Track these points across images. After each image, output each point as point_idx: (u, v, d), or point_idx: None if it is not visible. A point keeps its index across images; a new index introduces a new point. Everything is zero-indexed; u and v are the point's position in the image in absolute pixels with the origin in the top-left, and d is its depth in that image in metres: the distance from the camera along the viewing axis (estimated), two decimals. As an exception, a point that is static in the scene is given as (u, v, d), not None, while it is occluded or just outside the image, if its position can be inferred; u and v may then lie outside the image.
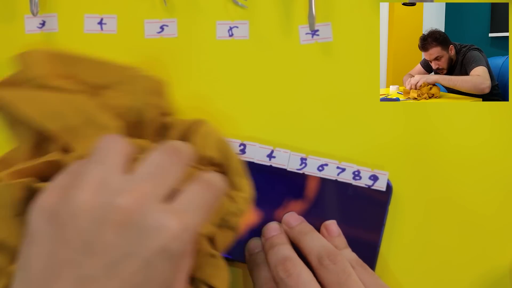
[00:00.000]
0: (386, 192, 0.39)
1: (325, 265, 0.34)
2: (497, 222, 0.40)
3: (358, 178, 0.39)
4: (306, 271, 0.34)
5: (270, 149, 0.39)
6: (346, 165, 0.39)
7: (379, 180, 0.39)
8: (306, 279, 0.33)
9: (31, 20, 0.41)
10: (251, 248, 0.38)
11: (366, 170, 0.39)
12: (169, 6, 0.41)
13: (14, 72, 0.37)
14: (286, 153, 0.39)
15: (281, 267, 0.34)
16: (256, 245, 0.38)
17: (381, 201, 0.39)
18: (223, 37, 0.41)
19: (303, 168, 0.39)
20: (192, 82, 0.41)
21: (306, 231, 0.37)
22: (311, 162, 0.39)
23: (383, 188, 0.39)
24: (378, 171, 0.39)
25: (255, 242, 0.38)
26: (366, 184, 0.39)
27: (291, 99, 0.41)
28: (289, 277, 0.33)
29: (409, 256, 0.40)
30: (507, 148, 0.41)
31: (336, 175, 0.39)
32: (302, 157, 0.39)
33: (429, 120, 0.41)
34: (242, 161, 0.36)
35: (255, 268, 0.36)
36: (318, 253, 0.35)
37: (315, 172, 0.39)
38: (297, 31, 0.41)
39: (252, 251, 0.37)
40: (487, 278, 0.40)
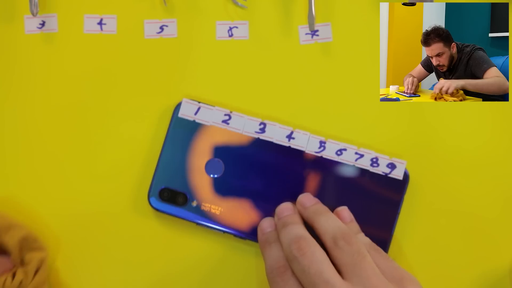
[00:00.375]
0: (403, 181, 0.39)
1: (340, 246, 0.33)
2: (497, 222, 0.40)
3: (376, 165, 0.38)
4: (320, 250, 0.33)
5: (290, 130, 0.39)
6: (365, 151, 0.39)
7: (397, 168, 0.38)
8: (320, 258, 0.33)
9: (31, 20, 0.41)
10: (263, 227, 0.37)
11: (384, 157, 0.39)
12: (169, 7, 0.41)
13: None
14: (305, 135, 0.39)
15: (295, 245, 0.33)
16: (269, 224, 0.37)
17: (397, 189, 0.38)
18: (223, 37, 0.41)
19: (321, 151, 0.39)
20: (192, 82, 0.41)
21: (321, 211, 0.36)
22: (330, 146, 0.39)
23: (400, 177, 0.39)
24: (396, 159, 0.38)
25: (268, 221, 0.37)
26: (383, 171, 0.38)
27: (291, 99, 0.41)
28: (303, 255, 0.33)
29: (409, 256, 0.40)
30: (507, 148, 0.40)
31: (354, 160, 0.39)
32: (321, 140, 0.39)
33: (429, 120, 0.41)
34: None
35: (267, 246, 0.36)
36: (333, 234, 0.34)
37: (333, 156, 0.39)
38: (297, 31, 0.41)
39: (265, 230, 0.37)
40: (487, 279, 0.40)
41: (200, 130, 0.39)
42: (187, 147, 0.39)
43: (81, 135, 0.40)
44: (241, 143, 0.39)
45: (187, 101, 0.39)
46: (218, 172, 0.38)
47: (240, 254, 0.40)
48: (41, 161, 0.40)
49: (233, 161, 0.39)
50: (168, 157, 0.38)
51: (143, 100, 0.40)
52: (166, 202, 0.38)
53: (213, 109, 0.39)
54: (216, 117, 0.39)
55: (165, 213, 0.38)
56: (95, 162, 0.40)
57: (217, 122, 0.39)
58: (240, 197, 0.38)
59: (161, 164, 0.38)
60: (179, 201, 0.38)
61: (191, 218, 0.38)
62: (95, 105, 0.40)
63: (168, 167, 0.38)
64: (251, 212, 0.38)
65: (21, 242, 0.37)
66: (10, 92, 0.40)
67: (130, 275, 0.39)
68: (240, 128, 0.39)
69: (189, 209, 0.38)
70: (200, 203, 0.38)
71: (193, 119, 0.39)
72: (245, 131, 0.39)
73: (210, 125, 0.39)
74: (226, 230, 0.38)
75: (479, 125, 0.41)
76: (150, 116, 0.40)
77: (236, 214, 0.38)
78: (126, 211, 0.40)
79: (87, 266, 0.39)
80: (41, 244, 0.38)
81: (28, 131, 0.40)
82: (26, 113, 0.40)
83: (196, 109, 0.39)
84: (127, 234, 0.39)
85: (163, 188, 0.38)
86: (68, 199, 0.40)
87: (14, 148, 0.40)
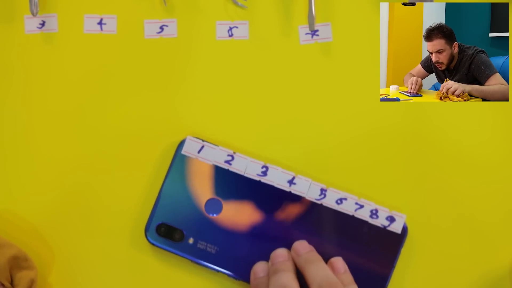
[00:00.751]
0: (401, 235, 0.38)
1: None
2: (497, 222, 0.40)
3: (375, 216, 0.38)
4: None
5: (292, 175, 0.39)
6: (365, 202, 0.38)
7: (396, 222, 0.38)
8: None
9: (31, 20, 0.41)
10: (256, 271, 0.37)
11: (383, 210, 0.38)
12: (169, 7, 0.41)
13: None
14: (307, 181, 0.39)
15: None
16: (262, 268, 0.37)
17: (395, 242, 0.38)
18: (222, 37, 0.41)
19: (321, 199, 0.39)
20: (192, 82, 0.41)
21: (312, 260, 0.37)
22: (330, 194, 0.39)
23: (399, 231, 0.38)
24: (396, 212, 0.38)
25: (262, 266, 0.38)
26: (382, 224, 0.38)
27: (290, 99, 0.41)
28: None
29: (409, 256, 0.40)
30: (507, 148, 0.40)
31: (353, 210, 0.39)
32: (322, 187, 0.39)
33: (429, 120, 0.41)
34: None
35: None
36: (320, 283, 0.34)
37: (333, 205, 0.39)
38: (296, 31, 0.41)
39: (257, 275, 0.37)
40: (486, 279, 0.40)
41: (202, 168, 0.39)
42: (188, 184, 0.39)
43: (81, 135, 0.40)
44: (242, 184, 0.39)
45: (191, 139, 0.39)
46: (217, 212, 0.39)
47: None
48: (39, 164, 0.40)
49: (231, 202, 0.39)
50: (168, 192, 0.38)
51: (143, 100, 0.40)
52: (162, 238, 0.38)
53: (216, 149, 0.39)
54: (219, 157, 0.39)
55: (161, 248, 0.38)
56: (95, 163, 0.40)
57: (219, 162, 0.39)
58: (236, 239, 0.38)
59: (161, 199, 0.38)
60: (175, 237, 0.38)
61: (186, 255, 0.38)
62: (95, 105, 0.40)
63: (167, 203, 0.38)
64: (247, 254, 0.38)
65: (10, 261, 0.36)
66: (9, 92, 0.40)
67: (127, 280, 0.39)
68: (242, 169, 0.39)
69: (185, 246, 0.38)
70: (197, 241, 0.38)
71: (196, 157, 0.39)
72: (247, 173, 0.39)
73: (212, 164, 0.39)
74: (221, 270, 0.38)
75: (479, 125, 0.41)
76: (150, 116, 0.40)
77: (231, 255, 0.38)
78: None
79: (85, 270, 0.39)
80: (31, 263, 0.37)
81: (27, 131, 0.40)
82: (26, 113, 0.40)
83: (199, 148, 0.39)
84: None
85: (160, 223, 0.38)
86: (67, 202, 0.40)
87: (12, 149, 0.40)
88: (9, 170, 0.40)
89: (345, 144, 0.40)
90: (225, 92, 0.41)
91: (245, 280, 0.38)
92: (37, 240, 0.39)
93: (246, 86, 0.41)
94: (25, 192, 0.40)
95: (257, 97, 0.41)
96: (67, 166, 0.40)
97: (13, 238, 0.38)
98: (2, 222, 0.39)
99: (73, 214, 0.39)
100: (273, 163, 0.39)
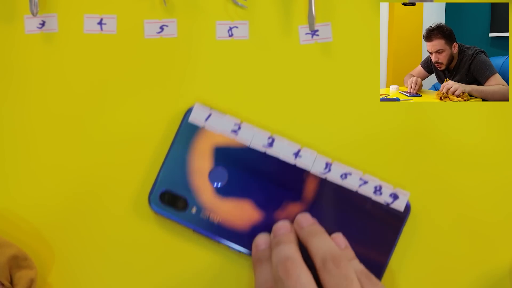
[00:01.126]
0: (404, 213, 0.38)
1: (328, 269, 0.33)
2: (497, 222, 0.40)
3: (379, 193, 0.38)
4: (306, 273, 0.33)
5: (298, 147, 0.38)
6: (369, 178, 0.38)
7: (399, 199, 0.38)
8: (305, 282, 0.32)
9: (31, 20, 0.41)
10: (258, 244, 0.37)
11: (387, 186, 0.38)
12: (169, 6, 0.41)
13: None
14: (312, 154, 0.38)
15: (282, 267, 0.33)
16: (264, 240, 0.37)
17: (397, 220, 0.38)
18: (223, 37, 0.41)
19: (326, 173, 0.38)
20: (192, 82, 0.41)
21: (316, 232, 0.36)
22: (335, 169, 0.38)
23: (401, 209, 0.38)
24: (400, 189, 0.38)
25: (263, 238, 0.37)
26: (385, 201, 0.38)
27: (290, 99, 0.41)
28: (288, 278, 0.33)
29: (408, 255, 0.40)
30: (507, 148, 0.40)
31: (357, 186, 0.38)
32: (328, 161, 0.38)
33: (429, 120, 0.41)
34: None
35: (259, 265, 0.36)
36: (323, 256, 0.34)
37: (337, 179, 0.38)
38: (296, 31, 0.41)
39: (259, 247, 0.37)
40: (486, 279, 0.40)
41: (208, 136, 0.39)
42: (193, 152, 0.38)
43: (81, 135, 0.40)
44: (248, 154, 0.39)
45: (199, 106, 0.38)
46: (221, 181, 0.38)
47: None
48: (40, 163, 0.40)
49: (236, 172, 0.38)
50: (173, 160, 0.38)
51: (143, 99, 0.40)
52: (166, 205, 0.38)
53: (224, 118, 0.38)
54: (225, 126, 0.38)
55: (164, 216, 0.38)
56: (95, 163, 0.40)
57: (226, 131, 0.38)
58: (239, 209, 0.38)
59: (165, 166, 0.38)
60: (179, 205, 0.38)
61: (188, 225, 0.38)
62: (95, 105, 0.40)
63: (172, 171, 0.38)
64: (249, 225, 0.38)
65: (10, 261, 0.36)
66: (9, 91, 0.40)
67: (128, 279, 0.39)
68: (248, 140, 0.38)
69: (188, 215, 0.38)
70: (200, 211, 0.38)
71: (203, 126, 0.39)
72: (253, 143, 0.38)
73: (219, 134, 0.38)
74: (222, 241, 0.38)
75: (479, 125, 0.41)
76: (150, 116, 0.40)
77: (233, 226, 0.38)
78: (127, 214, 0.39)
79: (85, 269, 0.39)
80: (31, 262, 0.37)
81: (27, 132, 0.40)
82: (25, 113, 0.40)
83: (207, 116, 0.38)
84: (126, 236, 0.39)
85: (164, 191, 0.38)
86: (67, 200, 0.40)
87: (12, 149, 0.40)
88: (8, 170, 0.40)
89: (345, 144, 0.40)
90: (225, 92, 0.41)
91: (247, 252, 0.38)
92: (37, 239, 0.39)
93: (246, 86, 0.41)
94: (24, 191, 0.40)
95: (257, 97, 0.41)
96: (67, 166, 0.40)
97: (13, 238, 0.38)
98: (2, 222, 0.39)
99: (73, 212, 0.39)
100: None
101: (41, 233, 0.39)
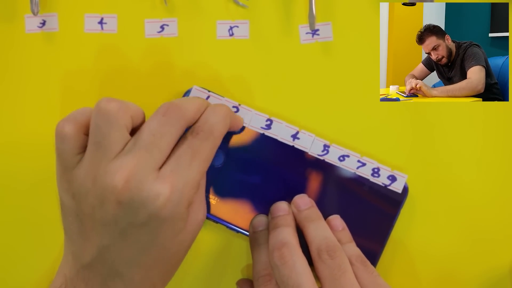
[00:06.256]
0: (401, 195, 0.38)
1: (322, 259, 0.33)
2: (497, 222, 0.40)
3: (376, 175, 0.38)
4: (301, 260, 0.33)
5: (296, 129, 0.38)
6: (367, 160, 0.38)
7: (397, 181, 0.38)
8: (300, 270, 0.32)
9: (32, 20, 0.41)
10: (255, 225, 0.37)
11: (385, 168, 0.38)
12: (170, 6, 0.41)
13: None
14: (310, 136, 0.38)
15: (277, 253, 0.33)
16: (261, 222, 0.37)
17: (395, 202, 0.38)
18: (223, 36, 0.41)
19: (324, 154, 0.38)
20: (192, 81, 0.41)
21: (312, 217, 0.36)
22: (333, 151, 0.38)
23: (399, 190, 0.38)
24: (398, 172, 0.38)
25: (260, 219, 0.37)
26: (383, 183, 0.38)
27: (291, 98, 0.41)
28: (284, 264, 0.33)
29: (408, 255, 0.40)
30: (507, 148, 0.41)
31: (355, 168, 0.38)
32: (326, 144, 0.39)
33: (429, 120, 0.41)
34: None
35: (256, 247, 0.36)
36: (319, 245, 0.34)
37: (335, 161, 0.38)
38: (297, 30, 0.41)
39: (256, 228, 0.37)
40: (486, 279, 0.40)
41: None
42: None
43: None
44: (245, 136, 0.39)
45: (198, 88, 0.38)
46: (218, 163, 0.38)
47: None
48: (40, 163, 0.40)
49: (234, 153, 0.38)
50: None
51: (143, 99, 0.40)
52: None
53: (222, 100, 0.38)
54: None
55: None
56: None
57: None
58: (237, 190, 0.38)
59: None
60: None
61: None
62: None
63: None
64: (246, 206, 0.38)
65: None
66: (10, 91, 0.40)
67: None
68: (246, 122, 0.38)
69: None
70: None
71: None
72: (251, 125, 0.39)
73: None
74: (220, 221, 0.38)
75: (479, 125, 0.41)
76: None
77: (231, 206, 0.38)
78: None
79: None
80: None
81: (26, 132, 0.40)
82: (26, 113, 0.40)
83: (205, 98, 0.38)
84: None
85: None
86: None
87: (12, 149, 0.40)
88: (8, 170, 0.40)
89: (345, 144, 0.40)
90: (225, 91, 0.41)
91: (244, 233, 0.38)
92: (42, 238, 0.39)
93: (247, 86, 0.41)
94: (24, 191, 0.40)
95: (257, 97, 0.41)
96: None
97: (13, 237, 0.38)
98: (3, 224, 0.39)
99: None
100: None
101: (41, 232, 0.39)
